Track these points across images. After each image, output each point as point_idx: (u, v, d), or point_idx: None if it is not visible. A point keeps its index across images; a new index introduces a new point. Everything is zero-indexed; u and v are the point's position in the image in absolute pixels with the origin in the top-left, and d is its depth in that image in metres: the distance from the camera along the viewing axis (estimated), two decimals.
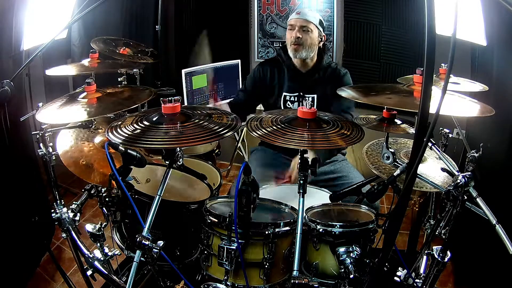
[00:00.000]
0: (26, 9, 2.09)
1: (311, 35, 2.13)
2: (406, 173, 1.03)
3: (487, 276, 1.95)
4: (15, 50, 2.03)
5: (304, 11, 2.17)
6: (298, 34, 2.12)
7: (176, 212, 1.50)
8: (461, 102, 1.50)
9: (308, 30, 2.12)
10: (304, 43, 2.13)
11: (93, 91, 1.61)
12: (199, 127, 1.25)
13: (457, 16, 1.02)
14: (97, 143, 1.79)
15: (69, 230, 1.64)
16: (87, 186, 1.72)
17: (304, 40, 2.12)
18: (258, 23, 3.84)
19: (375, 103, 1.47)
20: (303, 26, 2.12)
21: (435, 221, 1.48)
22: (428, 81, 0.89)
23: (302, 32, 2.12)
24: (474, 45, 2.39)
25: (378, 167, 1.77)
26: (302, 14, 2.14)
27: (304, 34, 2.12)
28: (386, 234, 1.19)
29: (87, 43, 2.50)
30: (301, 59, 2.18)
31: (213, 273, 1.34)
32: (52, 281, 2.32)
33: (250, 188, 1.23)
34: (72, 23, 2.98)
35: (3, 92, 1.43)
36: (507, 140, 1.93)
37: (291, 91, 2.26)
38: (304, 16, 2.13)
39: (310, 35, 2.13)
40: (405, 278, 1.51)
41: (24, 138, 2.21)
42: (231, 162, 3.70)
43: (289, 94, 2.26)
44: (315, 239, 1.35)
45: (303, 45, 2.13)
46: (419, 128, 0.94)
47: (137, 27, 3.68)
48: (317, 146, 1.49)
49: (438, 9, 0.87)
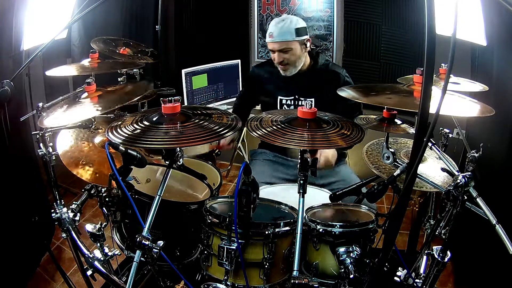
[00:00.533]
0: (26, 9, 2.09)
1: (292, 52, 2.06)
2: (406, 173, 1.03)
3: (487, 276, 1.95)
4: (15, 50, 2.03)
5: (278, 29, 2.03)
6: (280, 58, 2.07)
7: (176, 212, 1.49)
8: (461, 102, 1.50)
9: (288, 50, 2.05)
10: (288, 63, 2.09)
11: (93, 91, 1.61)
12: (199, 127, 1.25)
13: (457, 16, 1.02)
14: (97, 143, 1.79)
15: (69, 230, 1.64)
16: (87, 186, 1.72)
17: (287, 60, 2.08)
18: (258, 23, 3.84)
19: (375, 103, 1.47)
20: (282, 49, 2.05)
21: (435, 221, 1.48)
22: (428, 81, 0.89)
23: (283, 54, 2.06)
24: (474, 45, 2.39)
25: (378, 167, 1.77)
26: (276, 36, 2.04)
27: (285, 55, 2.07)
28: (386, 234, 1.19)
29: (87, 43, 2.49)
30: (291, 74, 2.14)
31: (213, 273, 1.34)
32: (52, 281, 2.32)
33: (250, 188, 1.23)
34: (72, 23, 2.98)
35: (3, 92, 1.43)
36: (507, 140, 1.93)
37: (286, 94, 2.23)
38: (278, 38, 2.03)
39: (292, 52, 2.06)
40: (405, 278, 1.50)
41: (24, 138, 2.21)
42: (231, 162, 3.70)
43: (285, 98, 2.24)
44: (315, 239, 1.35)
45: (289, 64, 2.10)
46: (419, 128, 0.94)
47: (137, 27, 3.68)
48: (317, 146, 1.50)
49: (438, 9, 0.87)
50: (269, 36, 2.07)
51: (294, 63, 2.11)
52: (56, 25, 2.63)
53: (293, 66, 2.12)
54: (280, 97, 2.24)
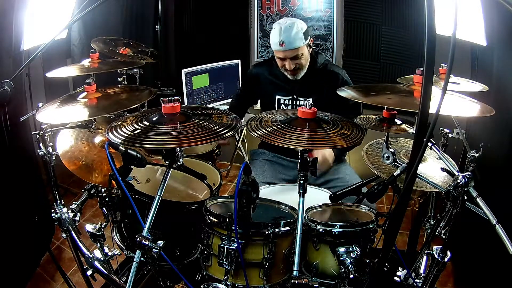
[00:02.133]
0: (26, 9, 2.09)
1: (303, 57, 2.06)
2: (406, 173, 1.03)
3: (487, 276, 1.95)
4: (15, 50, 2.03)
5: (287, 37, 1.98)
6: (292, 65, 2.05)
7: (176, 212, 1.49)
8: (461, 102, 1.50)
9: (300, 56, 2.04)
10: (300, 67, 2.09)
11: (93, 91, 1.61)
12: (199, 127, 1.25)
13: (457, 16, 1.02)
14: (97, 143, 1.79)
15: (69, 230, 1.64)
16: (87, 186, 1.72)
17: (299, 65, 2.08)
18: (258, 23, 3.84)
19: (375, 103, 1.47)
20: (294, 56, 2.03)
21: (435, 221, 1.48)
22: (428, 81, 0.89)
23: (295, 60, 2.05)
24: (474, 45, 2.39)
25: (378, 167, 1.77)
26: (287, 44, 1.99)
27: (297, 61, 2.06)
28: (386, 234, 1.19)
29: (87, 43, 2.50)
30: (300, 77, 2.14)
31: (213, 273, 1.34)
32: (52, 281, 2.32)
33: (250, 188, 1.23)
34: (72, 23, 2.98)
35: (3, 92, 1.43)
36: (507, 140, 1.93)
37: (285, 94, 2.23)
38: (289, 45, 1.99)
39: (303, 57, 2.06)
40: (405, 278, 1.50)
41: (24, 138, 2.21)
42: (231, 162, 3.70)
43: (283, 97, 2.24)
44: (315, 239, 1.35)
45: (300, 69, 2.10)
46: (419, 128, 0.94)
47: (137, 27, 3.68)
48: (317, 146, 1.50)
49: (438, 9, 0.87)
50: (280, 45, 2.00)
51: (304, 67, 2.11)
52: (56, 25, 2.63)
53: (302, 69, 2.12)
54: (278, 96, 2.24)
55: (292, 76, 2.14)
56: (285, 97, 2.24)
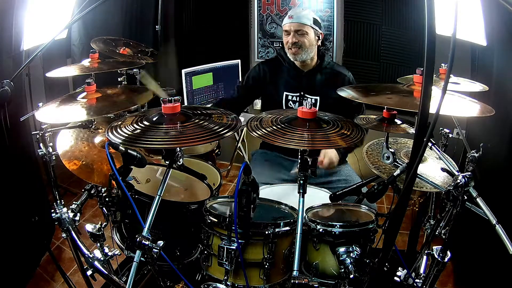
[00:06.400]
0: (26, 9, 2.09)
1: (307, 37, 2.11)
2: (406, 173, 1.02)
3: (487, 276, 1.95)
4: (15, 50, 2.03)
5: (297, 13, 2.12)
6: (295, 39, 2.10)
7: (176, 212, 1.49)
8: (461, 102, 1.50)
9: (304, 33, 2.10)
10: (302, 46, 2.12)
11: (93, 91, 1.61)
12: (199, 127, 1.25)
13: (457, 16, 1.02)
14: (97, 143, 1.79)
15: (69, 230, 1.64)
16: (87, 186, 1.72)
17: (301, 43, 2.11)
18: (258, 23, 3.84)
19: (375, 103, 1.47)
20: (298, 30, 2.10)
21: (435, 221, 1.48)
22: (428, 81, 0.89)
23: (298, 36, 2.10)
24: (474, 45, 2.39)
25: (378, 167, 1.77)
26: (295, 18, 2.10)
27: (300, 38, 2.11)
28: (386, 234, 1.19)
29: (87, 43, 2.50)
30: (301, 61, 2.17)
31: (213, 273, 1.34)
32: (52, 281, 2.32)
33: (250, 188, 1.23)
34: (72, 23, 2.98)
35: (3, 92, 1.43)
36: (507, 140, 1.93)
37: (293, 90, 2.24)
38: (297, 19, 2.10)
39: (307, 37, 2.11)
40: (405, 278, 1.50)
41: (24, 138, 2.22)
42: (231, 162, 3.70)
43: (291, 94, 2.25)
44: (315, 239, 1.35)
45: (302, 48, 2.12)
46: (419, 128, 0.94)
47: (137, 27, 3.68)
48: (317, 146, 1.49)
49: (438, 9, 0.86)
50: (288, 18, 2.13)
51: (306, 49, 2.13)
52: (56, 25, 2.63)
53: (304, 51, 2.13)
54: (286, 92, 2.25)
55: (292, 57, 2.16)
56: (293, 93, 2.25)
